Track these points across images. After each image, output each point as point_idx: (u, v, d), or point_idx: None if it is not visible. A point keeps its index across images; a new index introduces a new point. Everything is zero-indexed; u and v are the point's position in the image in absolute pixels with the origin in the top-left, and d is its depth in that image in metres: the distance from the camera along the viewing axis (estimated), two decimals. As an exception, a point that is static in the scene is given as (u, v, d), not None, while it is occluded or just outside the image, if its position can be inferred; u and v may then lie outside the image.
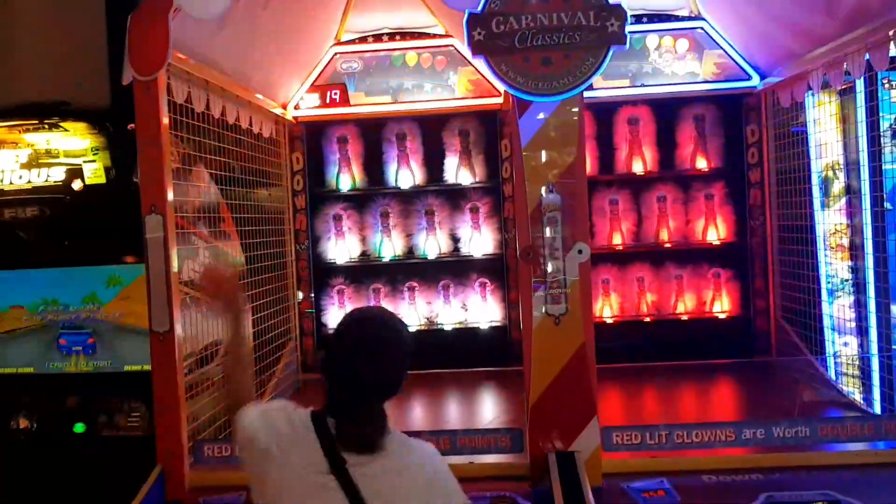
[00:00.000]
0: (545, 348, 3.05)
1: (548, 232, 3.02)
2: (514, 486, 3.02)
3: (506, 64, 3.00)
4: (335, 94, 4.91)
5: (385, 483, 1.90)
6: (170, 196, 3.15)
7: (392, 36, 4.98)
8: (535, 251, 3.03)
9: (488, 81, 4.78)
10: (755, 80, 4.78)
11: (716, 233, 5.04)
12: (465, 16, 3.00)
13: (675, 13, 4.90)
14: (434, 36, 4.94)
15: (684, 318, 5.04)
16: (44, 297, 3.99)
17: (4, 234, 3.84)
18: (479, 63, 3.08)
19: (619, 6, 2.97)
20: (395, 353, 1.97)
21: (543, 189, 3.02)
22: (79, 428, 3.91)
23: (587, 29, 2.97)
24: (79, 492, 3.50)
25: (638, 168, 5.09)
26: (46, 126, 3.71)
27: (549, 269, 3.03)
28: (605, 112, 5.08)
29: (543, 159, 3.03)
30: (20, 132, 3.74)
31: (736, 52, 4.79)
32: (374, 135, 5.15)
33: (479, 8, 2.99)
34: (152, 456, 3.16)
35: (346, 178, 5.17)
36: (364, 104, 4.94)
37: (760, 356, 4.84)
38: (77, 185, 3.72)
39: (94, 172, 3.71)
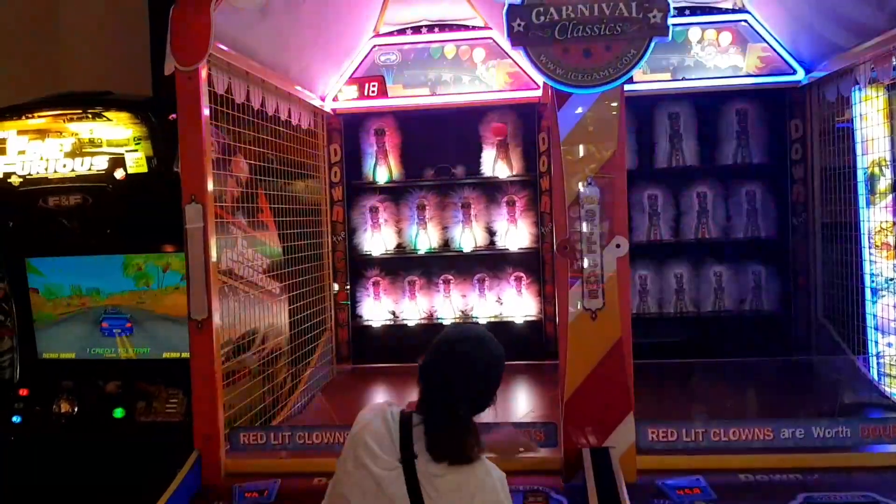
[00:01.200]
0: (581, 343, 3.02)
1: (585, 225, 2.99)
2: (548, 481, 3.01)
3: (545, 55, 2.98)
4: (373, 86, 4.91)
5: (444, 486, 1.99)
6: (210, 186, 3.17)
7: (431, 28, 4.97)
8: (573, 245, 3.01)
9: (527, 74, 4.75)
10: (800, 75, 4.68)
11: (757, 230, 4.95)
12: (505, 6, 2.97)
13: (719, 5, 4.83)
14: (473, 28, 4.91)
15: (723, 315, 4.97)
16: (86, 284, 4.06)
17: (49, 221, 3.91)
18: (519, 54, 3.06)
19: (661, -3, 2.93)
20: (492, 372, 2.16)
21: (581, 182, 2.99)
22: (118, 413, 3.98)
23: (629, 20, 2.93)
24: (117, 475, 3.55)
25: (678, 163, 5.02)
26: (90, 115, 3.76)
27: (586, 263, 3.00)
28: (645, 106, 5.02)
29: (582, 152, 3.00)
30: (64, 121, 3.80)
31: (780, 45, 4.70)
32: (411, 127, 5.14)
33: (520, -1, 2.97)
34: (189, 442, 3.20)
35: (383, 170, 5.17)
36: (402, 96, 4.93)
37: (800, 355, 4.75)
38: (119, 174, 3.77)
39: (136, 162, 3.75)
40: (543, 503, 2.85)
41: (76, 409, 4.01)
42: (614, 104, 2.99)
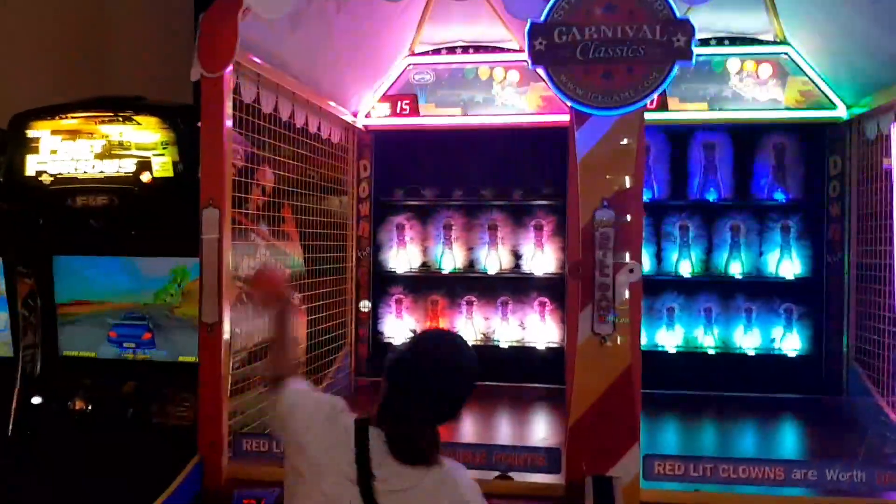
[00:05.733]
0: (589, 368, 2.95)
1: (599, 248, 2.94)
2: (549, 508, 2.95)
3: (566, 75, 2.96)
4: (405, 104, 4.94)
5: (406, 499, 1.89)
6: (228, 191, 3.20)
7: (466, 49, 4.98)
8: (585, 268, 2.96)
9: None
10: (841, 111, 4.58)
11: (790, 267, 4.83)
12: (528, 25, 2.97)
13: (760, 37, 4.75)
14: (508, 50, 4.91)
15: (751, 352, 4.84)
16: (109, 285, 4.11)
17: (76, 220, 3.99)
18: (541, 73, 3.04)
19: (686, 21, 2.89)
20: (462, 378, 2.02)
21: (597, 204, 2.95)
22: (130, 413, 4.01)
23: (652, 43, 2.90)
24: (126, 473, 3.57)
25: (712, 195, 4.93)
26: (120, 119, 3.84)
27: (598, 285, 2.95)
28: (680, 135, 4.96)
29: (598, 174, 2.96)
30: (96, 123, 3.88)
31: (822, 79, 4.60)
32: (441, 146, 5.14)
33: (542, 17, 2.96)
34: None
35: (411, 189, 5.19)
36: (434, 115, 4.94)
37: (829, 397, 4.60)
38: (146, 177, 3.83)
39: (163, 166, 3.81)
40: (540, 530, 2.79)
41: (90, 407, 4.05)
42: (634, 126, 2.94)
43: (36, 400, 4.16)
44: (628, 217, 2.93)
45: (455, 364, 2.00)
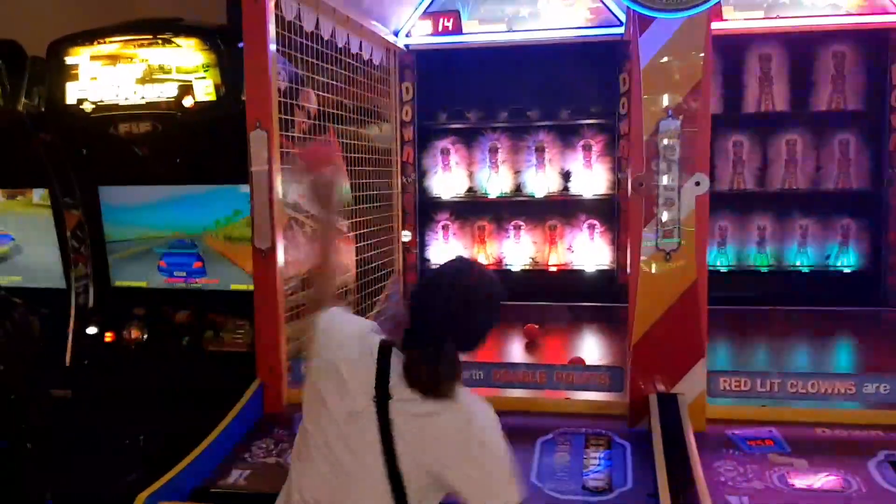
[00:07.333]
0: (653, 284, 2.87)
1: (664, 160, 2.83)
2: (612, 425, 2.91)
3: (627, -23, 2.79)
4: (448, 21, 4.76)
5: (419, 426, 1.84)
6: (275, 112, 3.12)
7: (511, -42, 4.76)
8: (649, 181, 2.85)
9: (609, 10, 4.53)
10: (905, 13, 4.34)
11: (849, 180, 4.66)
12: (586, -75, 2.80)
13: (818, -65, 4.49)
14: (553, -40, 4.69)
15: (805, 269, 4.72)
16: (156, 214, 4.09)
17: (120, 149, 3.93)
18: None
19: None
20: (482, 306, 1.93)
21: (662, 114, 2.82)
22: (186, 341, 4.03)
23: (719, -60, 2.72)
24: (185, 401, 3.60)
25: (767, 108, 4.74)
26: (160, 41, 3.73)
27: (662, 200, 2.84)
28: (734, 47, 4.72)
29: (663, 82, 2.82)
30: (135, 47, 3.78)
31: (886, -20, 4.36)
32: (485, 65, 4.97)
33: (601, -84, 2.79)
34: (255, 371, 3.21)
35: (456, 111, 5.05)
36: (477, 32, 4.76)
37: (889, 311, 4.49)
38: (188, 101, 3.74)
39: (205, 89, 3.73)
40: (605, 447, 2.75)
41: (146, 336, 4.08)
42: (700, 30, 2.78)
43: (91, 330, 4.19)
44: (694, 127, 2.81)
45: (475, 294, 1.92)
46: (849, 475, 2.49)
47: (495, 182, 5.03)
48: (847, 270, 4.68)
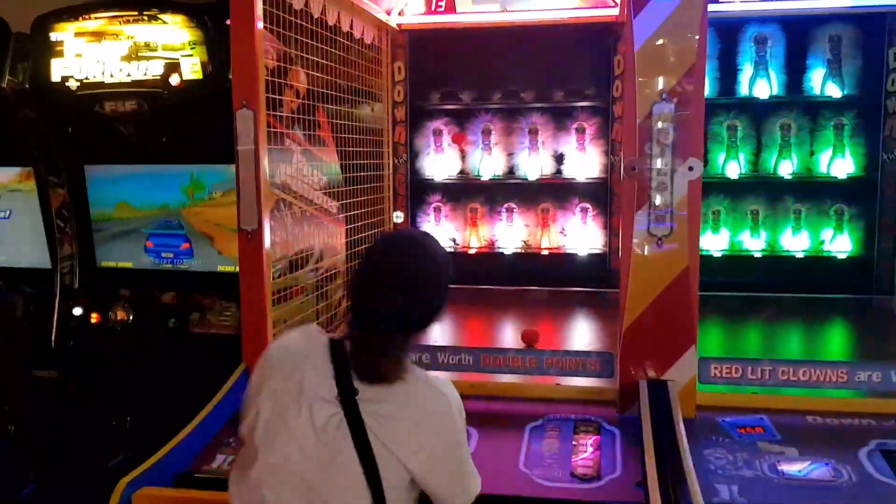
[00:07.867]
0: (644, 270, 2.84)
1: (657, 144, 2.78)
2: (601, 411, 2.89)
3: (622, -43, 2.74)
4: (441, 1, 4.70)
5: (387, 416, 1.73)
6: (261, 91, 3.06)
7: (505, -64, 4.69)
8: (642, 164, 2.81)
9: (603, -11, 4.48)
10: (903, -3, 4.29)
11: (843, 166, 4.62)
12: None
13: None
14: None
15: (799, 255, 4.69)
16: (142, 194, 4.04)
17: (105, 128, 3.87)
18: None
19: None
20: (427, 284, 1.80)
21: (656, 97, 2.77)
22: (172, 323, 3.99)
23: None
24: (169, 382, 3.56)
25: (761, 92, 4.69)
26: (146, 17, 3.67)
27: (655, 184, 2.80)
28: (728, 29, 4.68)
29: (657, 64, 2.76)
30: (120, 23, 3.72)
31: (884, -37, 4.30)
32: (479, 45, 4.91)
33: None
34: (241, 354, 3.16)
35: (448, 91, 4.99)
36: (470, 12, 4.70)
37: (881, 297, 4.48)
38: (175, 79, 3.68)
39: (192, 67, 3.67)
40: (595, 433, 2.73)
41: (131, 318, 4.04)
42: (696, 11, 2.73)
43: (77, 311, 4.15)
44: (689, 111, 2.76)
45: (416, 268, 1.79)
46: (839, 464, 2.47)
47: (488, 164, 4.98)
48: (841, 256, 4.65)
